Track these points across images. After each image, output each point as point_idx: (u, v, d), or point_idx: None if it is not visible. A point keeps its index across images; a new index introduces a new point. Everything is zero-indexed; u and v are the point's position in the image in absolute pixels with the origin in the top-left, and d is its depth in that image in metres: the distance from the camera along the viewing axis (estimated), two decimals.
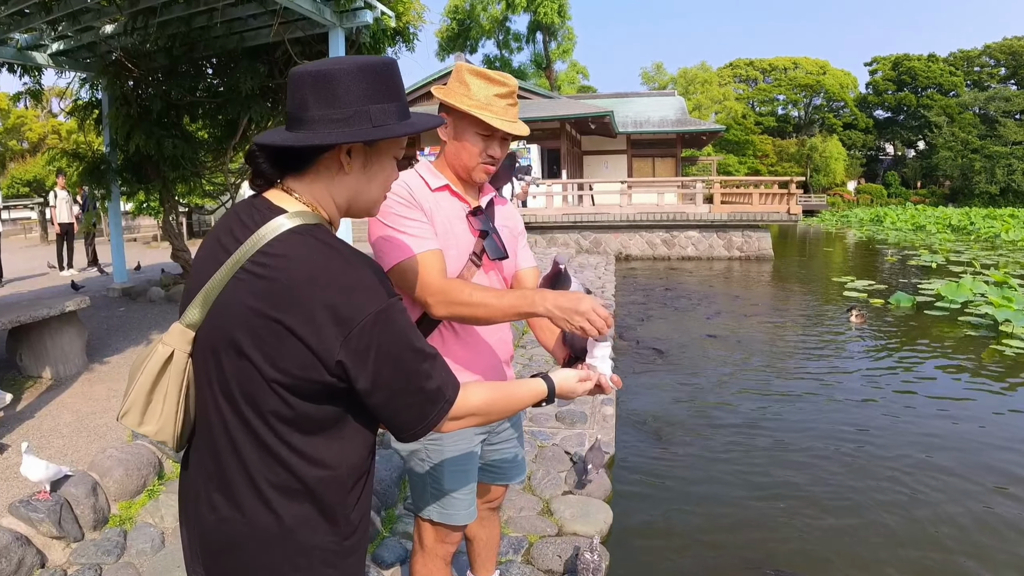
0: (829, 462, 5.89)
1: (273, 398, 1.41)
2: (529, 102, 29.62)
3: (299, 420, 1.43)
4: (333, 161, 1.51)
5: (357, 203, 1.59)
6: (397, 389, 1.45)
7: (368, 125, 1.46)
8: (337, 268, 1.40)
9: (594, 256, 21.39)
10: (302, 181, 1.53)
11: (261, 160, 1.53)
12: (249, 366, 1.41)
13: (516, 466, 2.76)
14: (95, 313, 9.26)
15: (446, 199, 2.35)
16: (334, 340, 1.36)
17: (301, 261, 1.39)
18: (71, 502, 3.84)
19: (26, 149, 42.05)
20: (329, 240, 1.46)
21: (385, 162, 1.58)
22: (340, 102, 1.45)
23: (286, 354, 1.38)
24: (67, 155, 10.98)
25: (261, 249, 1.41)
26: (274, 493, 1.45)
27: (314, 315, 1.36)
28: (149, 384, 1.51)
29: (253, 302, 1.39)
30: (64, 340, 6.50)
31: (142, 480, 4.28)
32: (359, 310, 1.38)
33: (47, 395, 5.97)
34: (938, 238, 31.10)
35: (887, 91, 76.52)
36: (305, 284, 1.37)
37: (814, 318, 12.80)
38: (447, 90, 2.28)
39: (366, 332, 1.38)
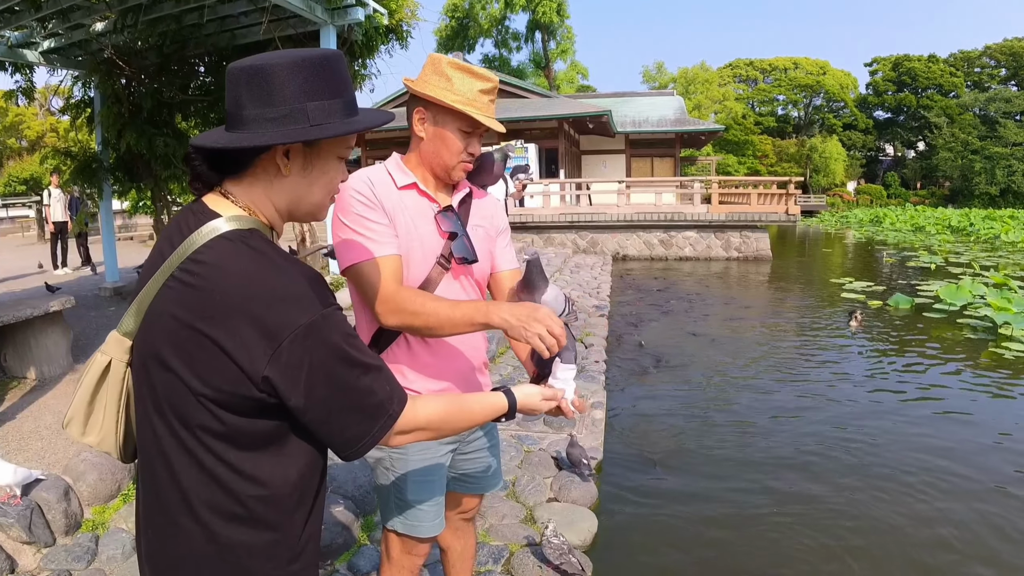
0: (825, 470, 5.79)
1: (202, 412, 1.32)
2: (527, 101, 29.57)
3: (233, 436, 1.34)
4: (271, 163, 1.41)
5: (299, 207, 1.49)
6: (333, 407, 1.35)
7: (305, 124, 1.36)
8: (266, 277, 1.31)
9: (591, 256, 21.31)
10: (240, 184, 1.44)
11: (198, 163, 1.43)
12: (176, 379, 1.32)
13: (490, 476, 2.65)
14: (84, 313, 9.18)
15: (412, 198, 2.24)
16: (261, 355, 1.27)
17: (228, 269, 1.31)
18: (43, 507, 3.76)
19: (24, 147, 42.04)
20: (261, 247, 1.36)
21: (327, 164, 1.47)
22: (275, 100, 1.35)
23: (212, 368, 1.29)
24: (59, 153, 10.92)
25: (190, 256, 1.33)
26: (208, 513, 1.36)
27: (240, 327, 1.27)
28: (88, 394, 1.46)
29: (179, 312, 1.31)
30: (49, 341, 6.42)
31: (116, 484, 4.20)
32: (288, 322, 1.28)
33: (30, 396, 5.89)
34: (937, 239, 31.03)
35: (887, 92, 76.40)
36: (231, 294, 1.28)
37: (811, 320, 12.70)
38: (424, 83, 2.16)
39: (296, 346, 1.28)
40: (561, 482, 4.94)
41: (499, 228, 2.50)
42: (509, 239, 2.56)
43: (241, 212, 1.41)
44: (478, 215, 2.41)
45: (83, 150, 10.98)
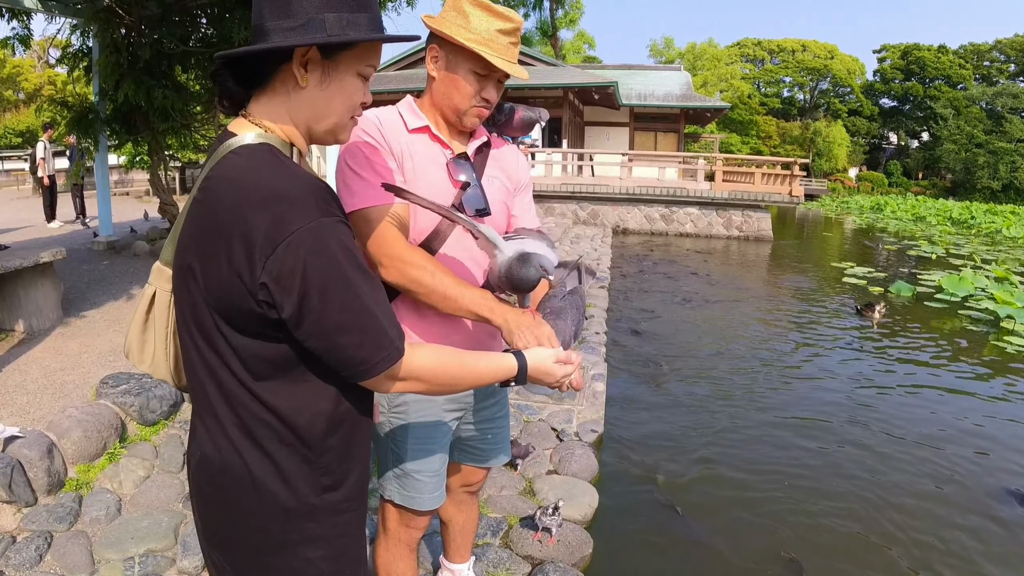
0: (824, 449, 5.73)
1: (216, 333, 1.32)
2: (532, 68, 29.17)
3: (247, 361, 1.33)
4: (289, 75, 1.38)
5: (319, 124, 1.44)
6: (328, 323, 1.28)
7: (323, 34, 1.33)
8: (264, 180, 1.27)
9: (591, 228, 21.16)
10: (261, 100, 1.42)
11: (225, 77, 1.41)
12: (196, 298, 1.33)
13: (498, 448, 2.50)
14: (77, 266, 9.05)
15: (423, 142, 2.07)
16: (257, 260, 1.23)
17: (231, 179, 1.29)
18: (24, 464, 3.61)
19: (21, 100, 41.62)
20: (267, 156, 1.32)
21: (346, 79, 1.41)
22: (293, 9, 1.33)
23: (219, 281, 1.27)
24: (55, 103, 10.70)
25: (205, 175, 1.34)
26: (238, 434, 1.36)
27: (237, 233, 1.23)
28: (140, 324, 1.52)
29: (193, 229, 1.32)
30: (39, 293, 6.29)
31: (102, 442, 4.06)
32: (284, 225, 1.22)
33: (17, 349, 5.76)
34: (938, 230, 30.82)
35: (894, 80, 75.85)
36: (230, 200, 1.26)
37: (812, 304, 12.57)
38: (441, 20, 1.98)
39: (291, 251, 1.22)
40: (561, 454, 4.81)
41: (519, 182, 2.32)
42: (531, 196, 2.39)
43: (258, 130, 1.38)
44: (496, 166, 2.23)
45: (80, 101, 10.76)
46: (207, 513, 1.46)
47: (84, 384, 4.89)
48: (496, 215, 2.14)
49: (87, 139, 10.48)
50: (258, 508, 1.37)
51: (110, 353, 5.62)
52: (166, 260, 1.45)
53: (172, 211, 10.95)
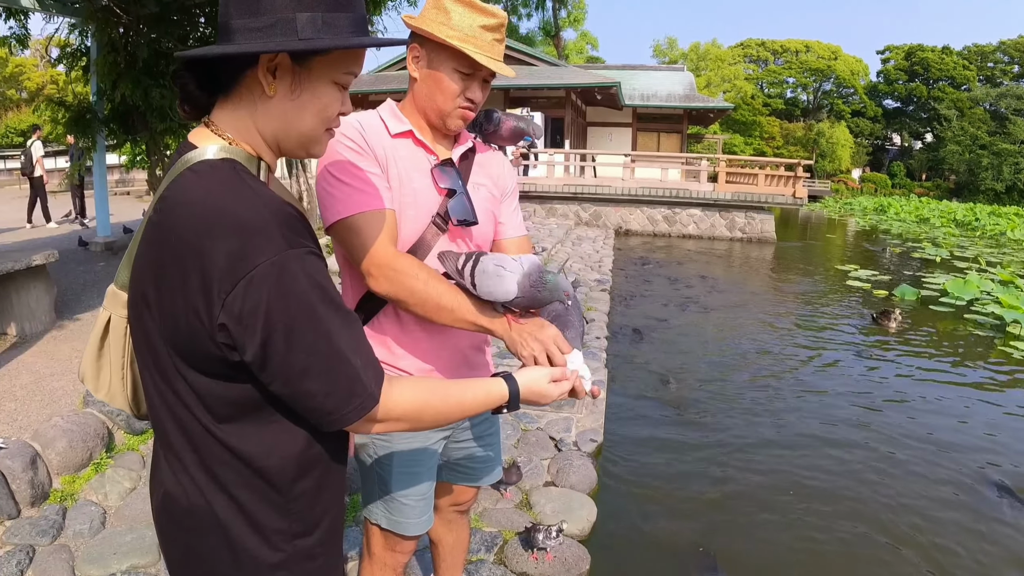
0: (832, 460, 5.63)
1: (173, 372, 1.19)
2: (535, 69, 29.11)
3: (208, 402, 1.20)
4: (255, 82, 1.23)
5: (288, 136, 1.29)
6: (294, 367, 1.15)
7: (293, 37, 1.18)
8: (226, 207, 1.12)
9: (593, 229, 21.07)
10: (225, 108, 1.27)
11: (187, 80, 1.26)
12: (151, 332, 1.20)
13: (489, 466, 2.40)
14: (73, 268, 8.99)
15: (407, 147, 1.96)
16: (215, 297, 1.10)
17: (188, 202, 1.14)
18: (7, 476, 3.53)
19: (24, 99, 41.61)
20: (229, 176, 1.17)
21: (320, 87, 1.26)
22: (260, 7, 1.18)
23: (173, 317, 1.15)
24: (53, 103, 10.64)
25: (161, 193, 1.20)
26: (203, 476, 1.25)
27: (192, 266, 1.10)
28: (94, 351, 1.40)
29: (148, 254, 1.18)
30: (31, 296, 6.22)
31: (88, 452, 3.97)
32: (245, 259, 1.09)
33: (9, 353, 5.69)
34: (942, 232, 30.69)
35: (898, 81, 75.57)
36: (185, 227, 1.12)
37: (817, 308, 12.48)
38: (422, 17, 1.89)
39: (253, 288, 1.09)
40: (559, 464, 4.70)
41: (505, 189, 2.21)
42: (517, 203, 2.27)
43: (221, 142, 1.24)
44: (481, 173, 2.12)
45: (78, 100, 10.70)
46: (170, 552, 1.35)
47: (73, 391, 4.80)
48: (482, 224, 2.03)
49: (85, 139, 10.41)
50: (226, 555, 1.27)
51: None
52: (121, 283, 1.32)
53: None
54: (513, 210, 2.23)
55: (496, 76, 1.96)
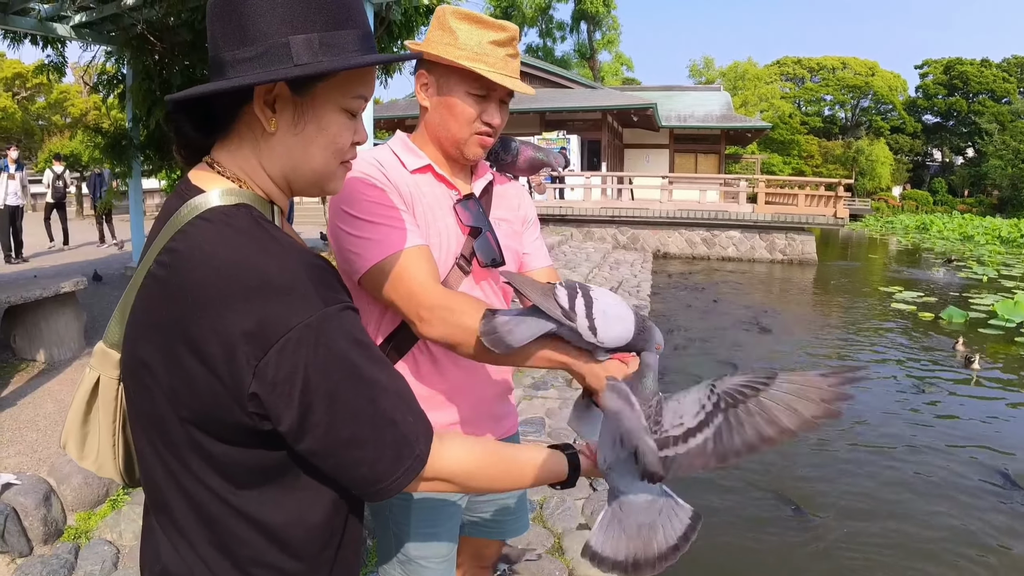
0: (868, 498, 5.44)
1: (187, 439, 1.05)
2: (571, 91, 29.14)
3: (228, 469, 1.06)
4: (254, 118, 1.09)
5: (298, 175, 1.14)
6: (339, 437, 1.03)
7: (288, 64, 1.04)
8: (250, 264, 0.99)
9: (631, 252, 20.90)
10: (226, 148, 1.13)
11: (182, 122, 1.13)
12: (155, 397, 1.05)
13: (515, 518, 2.18)
14: (108, 292, 9.01)
15: (428, 183, 1.78)
16: (244, 365, 0.96)
17: (202, 257, 1.00)
18: (19, 512, 3.44)
19: (68, 124, 42.47)
20: (247, 226, 1.04)
21: (325, 117, 1.11)
22: (250, 34, 1.04)
23: (190, 383, 1.00)
24: (90, 129, 10.76)
25: (165, 245, 1.04)
26: (214, 554, 1.10)
27: (216, 330, 0.97)
28: (80, 415, 1.22)
29: (151, 314, 1.04)
30: (60, 323, 6.23)
31: (104, 489, 3.87)
32: (277, 322, 0.97)
33: (36, 380, 5.68)
34: (987, 250, 30.10)
35: (937, 95, 74.80)
36: (205, 287, 0.98)
37: (862, 334, 12.19)
38: (427, 41, 1.73)
39: (287, 355, 0.97)
40: (594, 506, 4.48)
41: (526, 219, 2.05)
42: (539, 231, 2.10)
43: (229, 184, 1.11)
44: (502, 206, 1.96)
45: (114, 127, 10.82)
46: None
47: None
48: (508, 262, 1.85)
49: (121, 165, 10.49)
50: None
51: None
52: (111, 342, 1.17)
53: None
54: (536, 239, 2.06)
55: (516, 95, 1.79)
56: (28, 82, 40.60)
